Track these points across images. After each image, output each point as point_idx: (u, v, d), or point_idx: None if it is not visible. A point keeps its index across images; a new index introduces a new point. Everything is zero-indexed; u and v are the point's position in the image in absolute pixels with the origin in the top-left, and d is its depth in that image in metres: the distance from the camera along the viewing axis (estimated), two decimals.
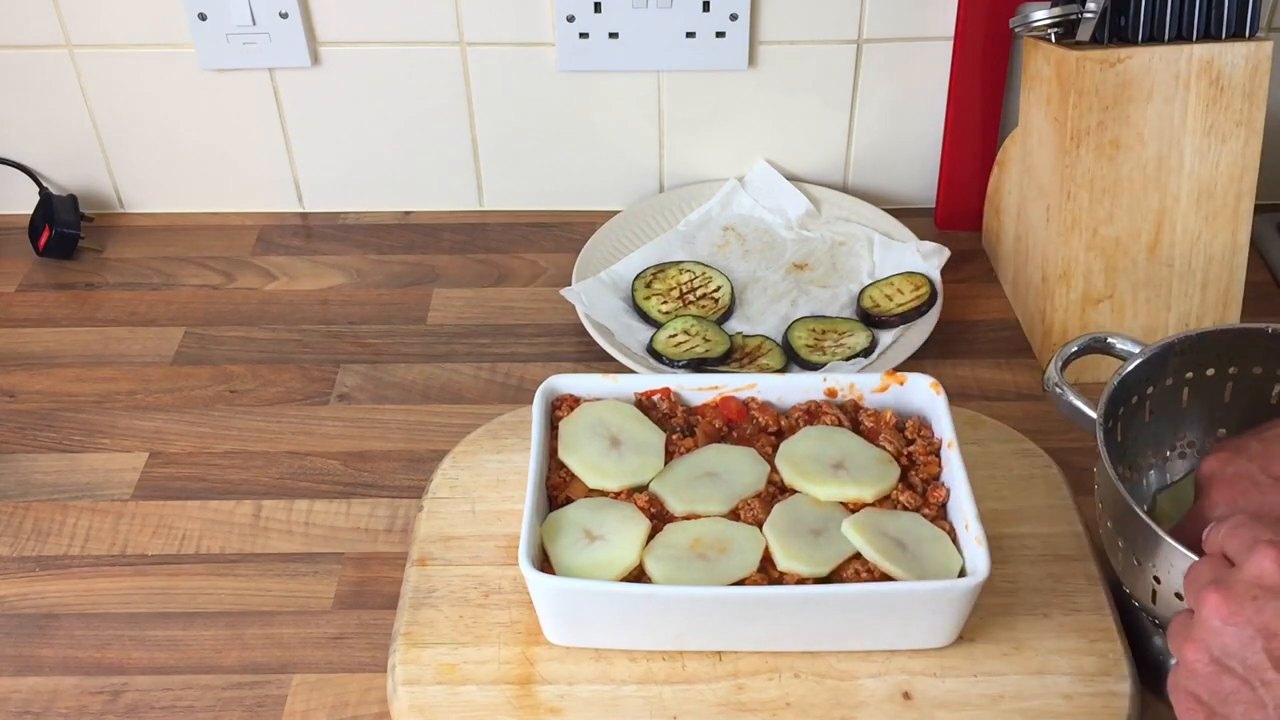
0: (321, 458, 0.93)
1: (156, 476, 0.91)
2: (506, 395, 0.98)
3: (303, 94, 1.12)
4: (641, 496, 0.77)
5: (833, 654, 0.74)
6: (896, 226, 1.12)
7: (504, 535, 0.82)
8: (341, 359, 1.02)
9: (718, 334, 1.00)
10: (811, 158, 1.17)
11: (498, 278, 1.12)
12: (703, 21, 1.08)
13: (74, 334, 1.05)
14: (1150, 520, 0.67)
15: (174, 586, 0.83)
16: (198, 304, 1.09)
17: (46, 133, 1.15)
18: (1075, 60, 0.90)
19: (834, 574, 0.72)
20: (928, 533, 0.74)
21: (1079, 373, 0.86)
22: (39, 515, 0.88)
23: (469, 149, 1.16)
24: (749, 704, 0.72)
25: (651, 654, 0.75)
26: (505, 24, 1.08)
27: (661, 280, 1.05)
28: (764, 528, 0.75)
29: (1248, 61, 0.90)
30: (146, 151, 1.16)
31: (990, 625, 0.76)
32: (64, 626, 0.81)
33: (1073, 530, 0.82)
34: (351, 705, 0.76)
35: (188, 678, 0.78)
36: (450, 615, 0.77)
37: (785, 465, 0.78)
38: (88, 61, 1.10)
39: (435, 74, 1.11)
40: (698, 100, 1.13)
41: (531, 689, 0.73)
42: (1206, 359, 0.79)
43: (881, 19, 1.08)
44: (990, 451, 0.88)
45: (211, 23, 1.07)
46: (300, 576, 0.84)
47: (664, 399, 0.83)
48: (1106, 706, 0.72)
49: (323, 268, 1.13)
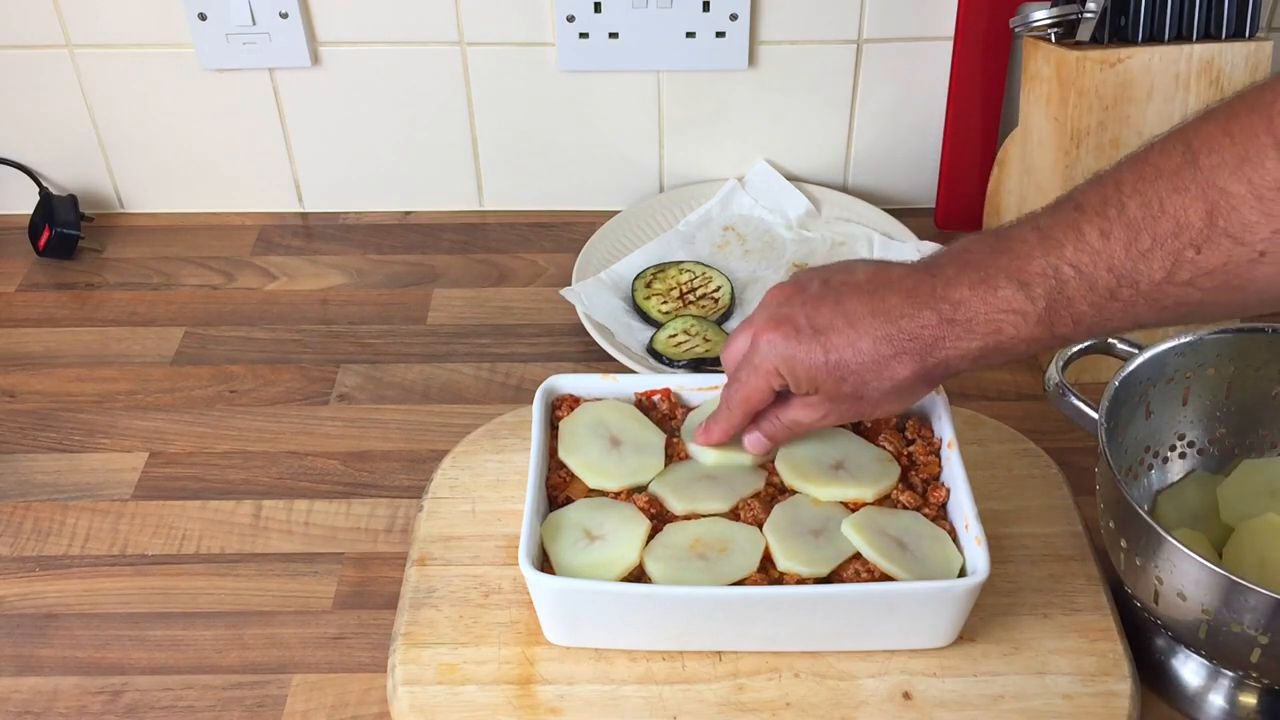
0: (321, 458, 0.93)
1: (156, 476, 0.91)
2: (506, 395, 0.98)
3: (303, 94, 1.12)
4: (641, 496, 0.77)
5: (833, 654, 0.74)
6: (896, 226, 1.12)
7: (504, 535, 0.82)
8: (341, 359, 1.02)
9: (718, 334, 1.00)
10: (811, 158, 1.17)
11: (498, 278, 1.12)
12: (703, 21, 1.08)
13: (74, 334, 1.05)
14: (1152, 520, 0.67)
15: (174, 586, 0.83)
16: (198, 304, 1.08)
17: (46, 133, 1.15)
18: (1075, 60, 0.90)
19: (834, 574, 0.72)
20: (928, 532, 0.74)
21: (1079, 373, 0.86)
22: (39, 515, 0.88)
23: (469, 149, 1.16)
24: (749, 704, 0.72)
25: (651, 654, 0.75)
26: (505, 24, 1.08)
27: (661, 280, 1.05)
28: (764, 528, 0.75)
29: (1248, 61, 0.90)
30: (146, 151, 1.16)
31: (990, 625, 0.76)
32: (64, 626, 0.81)
33: (1073, 530, 0.82)
34: (351, 705, 0.76)
35: (188, 678, 0.78)
36: (450, 615, 0.77)
37: (785, 466, 0.78)
38: (88, 61, 1.10)
39: (435, 74, 1.11)
40: (698, 100, 1.13)
41: (531, 689, 0.73)
42: (1206, 359, 0.79)
43: (881, 19, 1.08)
44: (990, 451, 0.88)
45: (211, 23, 1.07)
46: (300, 576, 0.84)
47: (664, 399, 0.83)
48: (1106, 706, 0.72)
49: (323, 268, 1.13)
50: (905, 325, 0.67)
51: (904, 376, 0.68)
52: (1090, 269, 0.62)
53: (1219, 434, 0.82)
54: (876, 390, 0.69)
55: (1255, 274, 0.59)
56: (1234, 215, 0.58)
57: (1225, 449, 0.83)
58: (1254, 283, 0.60)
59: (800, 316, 0.70)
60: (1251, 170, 0.57)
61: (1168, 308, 0.62)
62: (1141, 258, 0.61)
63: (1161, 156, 0.61)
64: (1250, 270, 0.59)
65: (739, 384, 0.74)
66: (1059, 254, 0.63)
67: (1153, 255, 0.60)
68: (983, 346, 0.66)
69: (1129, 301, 0.62)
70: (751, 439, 0.77)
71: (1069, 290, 0.63)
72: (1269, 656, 0.66)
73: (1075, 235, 0.63)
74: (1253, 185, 0.57)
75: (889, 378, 0.68)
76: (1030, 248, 0.64)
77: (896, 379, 0.68)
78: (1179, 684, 0.75)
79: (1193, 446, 0.83)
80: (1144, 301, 0.62)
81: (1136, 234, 0.61)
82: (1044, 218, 0.65)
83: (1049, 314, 0.64)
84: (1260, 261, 0.59)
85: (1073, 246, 0.62)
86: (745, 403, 0.74)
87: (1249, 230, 0.58)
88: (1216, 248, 0.59)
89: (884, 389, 0.69)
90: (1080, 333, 0.65)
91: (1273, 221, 0.57)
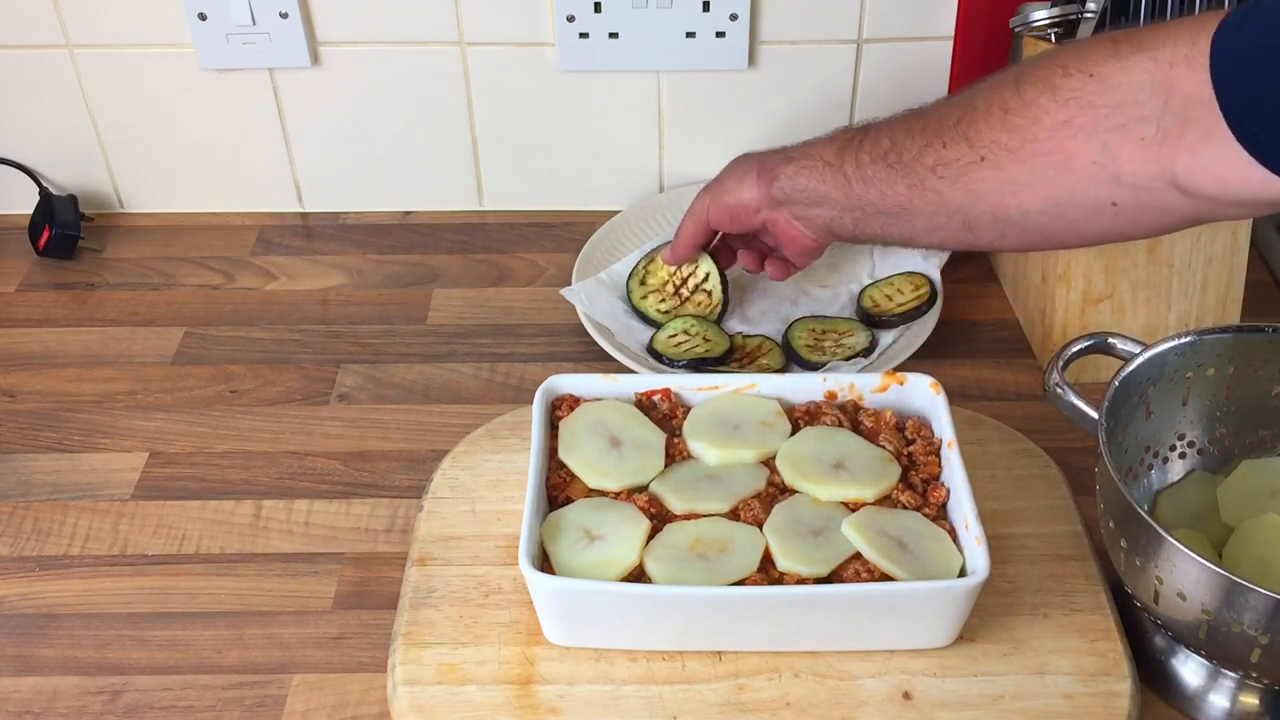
0: (321, 458, 0.93)
1: (156, 476, 0.91)
2: (506, 395, 0.98)
3: (303, 94, 1.12)
4: (641, 496, 0.77)
5: (833, 654, 0.74)
6: None
7: (504, 535, 0.82)
8: (341, 359, 1.02)
9: (718, 334, 1.00)
10: None
11: (498, 278, 1.12)
12: (703, 21, 1.08)
13: (74, 334, 1.05)
14: (1152, 520, 0.67)
15: (174, 586, 0.83)
16: (198, 304, 1.09)
17: (46, 133, 1.15)
18: None
19: (834, 574, 0.72)
20: (928, 532, 0.74)
21: (1079, 373, 0.86)
22: (39, 515, 0.88)
23: (469, 149, 1.16)
24: (749, 704, 0.72)
25: (651, 654, 0.75)
26: (505, 24, 1.08)
27: (654, 275, 1.04)
28: (764, 528, 0.75)
29: None
30: (146, 151, 1.16)
31: (990, 625, 0.76)
32: (64, 626, 0.81)
33: (1073, 530, 0.82)
34: (351, 705, 0.76)
35: (188, 678, 0.78)
36: (450, 615, 0.77)
37: (785, 465, 0.78)
38: (88, 61, 1.10)
39: (435, 74, 1.11)
40: (698, 100, 1.13)
41: (531, 689, 0.73)
42: (1206, 359, 0.79)
43: (881, 19, 1.08)
44: (990, 451, 0.88)
45: (211, 23, 1.07)
46: (300, 576, 0.84)
47: (664, 399, 0.83)
48: (1106, 706, 0.72)
49: (323, 268, 1.13)
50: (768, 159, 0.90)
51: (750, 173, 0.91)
52: (875, 136, 0.83)
53: (1219, 434, 0.82)
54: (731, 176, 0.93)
55: (976, 176, 0.76)
56: (973, 124, 0.76)
57: (1225, 449, 0.83)
58: (978, 184, 0.76)
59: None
60: (993, 93, 0.75)
61: (927, 190, 0.79)
62: (909, 135, 0.80)
63: (956, 93, 0.81)
64: (974, 171, 0.76)
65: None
66: (863, 129, 0.85)
67: (917, 134, 0.80)
68: (796, 169, 0.87)
69: (896, 166, 0.80)
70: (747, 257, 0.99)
71: (858, 146, 0.83)
72: (1269, 656, 0.66)
73: (875, 124, 0.85)
74: (990, 104, 0.75)
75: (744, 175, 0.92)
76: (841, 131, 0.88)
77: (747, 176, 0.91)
78: (1179, 684, 0.75)
79: (1193, 446, 0.83)
80: (905, 171, 0.80)
81: (911, 120, 0.81)
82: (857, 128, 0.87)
83: (839, 155, 0.84)
84: (980, 166, 0.75)
85: (873, 127, 0.84)
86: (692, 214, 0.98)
87: (977, 135, 0.75)
88: (956, 145, 0.77)
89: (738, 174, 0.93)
90: (860, 178, 0.83)
91: (993, 133, 0.74)
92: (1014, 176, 0.74)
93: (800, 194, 0.88)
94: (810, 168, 0.86)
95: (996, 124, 0.74)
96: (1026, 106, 0.72)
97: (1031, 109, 0.72)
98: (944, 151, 0.77)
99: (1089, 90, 0.70)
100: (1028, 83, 0.73)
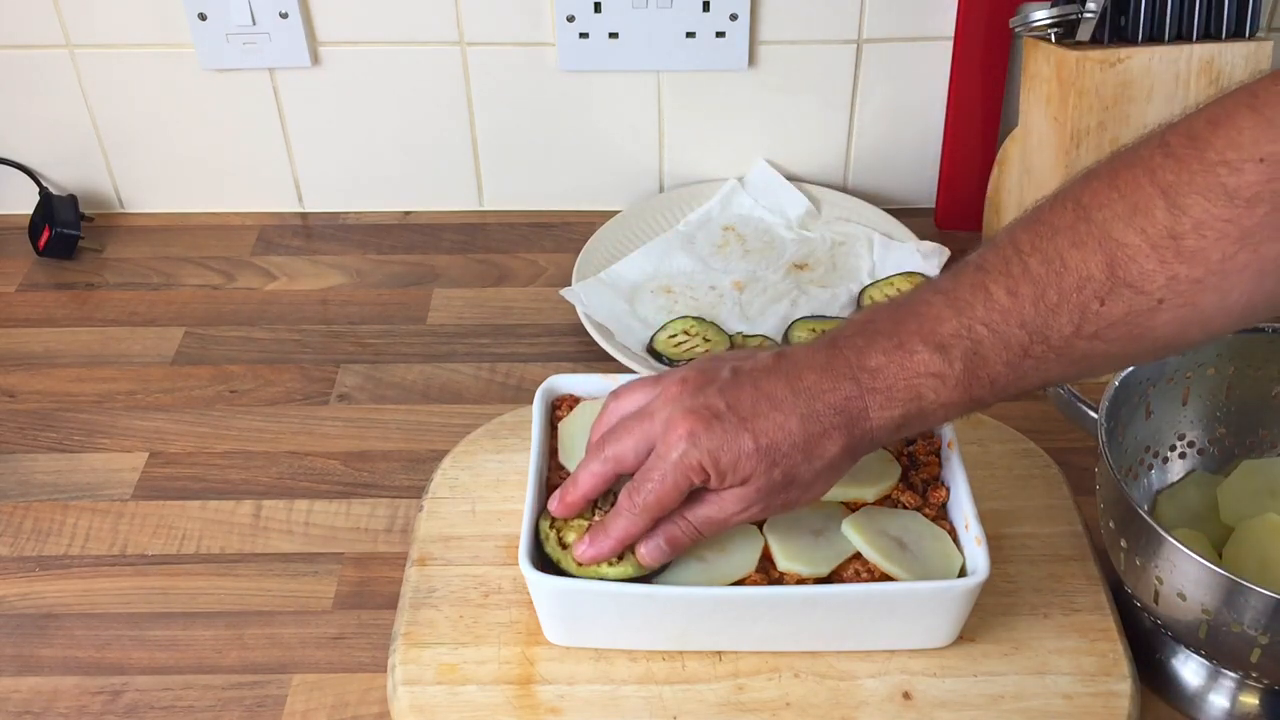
0: (321, 458, 0.93)
1: (156, 476, 0.91)
2: (506, 395, 0.98)
3: (303, 94, 1.12)
4: None
5: (833, 654, 0.74)
6: (896, 226, 1.12)
7: (504, 535, 0.82)
8: (341, 359, 1.02)
9: (718, 334, 1.00)
10: (811, 158, 1.17)
11: (498, 278, 1.12)
12: (703, 21, 1.08)
13: (74, 334, 1.05)
14: (1152, 520, 0.67)
15: (174, 586, 0.83)
16: (198, 304, 1.09)
17: (46, 133, 1.15)
18: (1075, 60, 0.90)
19: (834, 574, 0.72)
20: (928, 532, 0.74)
21: None
22: (39, 515, 0.88)
23: (469, 149, 1.16)
24: (749, 704, 0.72)
25: (651, 654, 0.75)
26: (505, 24, 1.08)
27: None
28: (764, 528, 0.75)
29: (1248, 61, 0.90)
30: (146, 151, 1.16)
31: (990, 625, 0.76)
32: (64, 626, 0.81)
33: (1073, 530, 0.82)
34: (351, 705, 0.76)
35: (188, 678, 0.78)
36: (450, 615, 0.77)
37: None
38: (88, 61, 1.10)
39: (435, 74, 1.11)
40: (698, 100, 1.13)
41: (531, 689, 0.73)
42: (1206, 359, 0.79)
43: (881, 19, 1.08)
44: (990, 451, 0.88)
45: (211, 23, 1.07)
46: (300, 576, 0.84)
47: None
48: (1106, 706, 0.72)
49: (323, 268, 1.13)
50: (829, 399, 0.64)
51: (834, 453, 0.65)
52: (1003, 327, 0.62)
53: (1219, 434, 0.82)
54: (808, 472, 0.66)
55: (1155, 322, 0.60)
56: (1132, 265, 0.59)
57: (1225, 449, 0.83)
58: (1154, 330, 0.61)
59: (720, 404, 0.65)
60: (1143, 220, 0.59)
61: (1076, 362, 0.63)
62: (1050, 312, 0.61)
63: (1054, 214, 0.62)
64: (1151, 319, 0.60)
65: (651, 484, 0.66)
66: (971, 314, 0.63)
67: (1061, 309, 0.61)
68: (904, 414, 0.65)
69: (1041, 358, 0.62)
70: (650, 547, 0.69)
71: (984, 349, 0.63)
72: (1269, 656, 0.66)
73: (984, 295, 0.63)
74: (1146, 235, 0.59)
75: (820, 456, 0.65)
76: (939, 310, 0.63)
77: (827, 457, 0.65)
78: (1179, 684, 0.75)
79: (1193, 446, 0.83)
80: (1055, 357, 0.62)
81: (1043, 289, 0.61)
82: (945, 282, 0.65)
83: (966, 376, 0.63)
84: (1159, 309, 0.60)
85: (983, 306, 0.62)
86: (658, 505, 0.67)
87: (1147, 279, 0.59)
88: (1119, 298, 0.60)
89: (816, 469, 0.66)
90: (994, 395, 0.64)
91: (1168, 269, 0.59)
92: (1203, 307, 0.60)
93: (900, 431, 0.67)
94: (920, 410, 0.65)
95: (1169, 256, 0.59)
96: (1201, 225, 0.58)
97: (1208, 226, 0.58)
98: (1105, 310, 0.61)
99: (1266, 177, 0.57)
100: (1181, 196, 0.58)
